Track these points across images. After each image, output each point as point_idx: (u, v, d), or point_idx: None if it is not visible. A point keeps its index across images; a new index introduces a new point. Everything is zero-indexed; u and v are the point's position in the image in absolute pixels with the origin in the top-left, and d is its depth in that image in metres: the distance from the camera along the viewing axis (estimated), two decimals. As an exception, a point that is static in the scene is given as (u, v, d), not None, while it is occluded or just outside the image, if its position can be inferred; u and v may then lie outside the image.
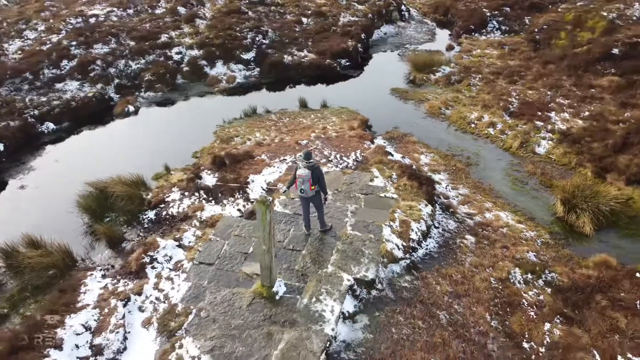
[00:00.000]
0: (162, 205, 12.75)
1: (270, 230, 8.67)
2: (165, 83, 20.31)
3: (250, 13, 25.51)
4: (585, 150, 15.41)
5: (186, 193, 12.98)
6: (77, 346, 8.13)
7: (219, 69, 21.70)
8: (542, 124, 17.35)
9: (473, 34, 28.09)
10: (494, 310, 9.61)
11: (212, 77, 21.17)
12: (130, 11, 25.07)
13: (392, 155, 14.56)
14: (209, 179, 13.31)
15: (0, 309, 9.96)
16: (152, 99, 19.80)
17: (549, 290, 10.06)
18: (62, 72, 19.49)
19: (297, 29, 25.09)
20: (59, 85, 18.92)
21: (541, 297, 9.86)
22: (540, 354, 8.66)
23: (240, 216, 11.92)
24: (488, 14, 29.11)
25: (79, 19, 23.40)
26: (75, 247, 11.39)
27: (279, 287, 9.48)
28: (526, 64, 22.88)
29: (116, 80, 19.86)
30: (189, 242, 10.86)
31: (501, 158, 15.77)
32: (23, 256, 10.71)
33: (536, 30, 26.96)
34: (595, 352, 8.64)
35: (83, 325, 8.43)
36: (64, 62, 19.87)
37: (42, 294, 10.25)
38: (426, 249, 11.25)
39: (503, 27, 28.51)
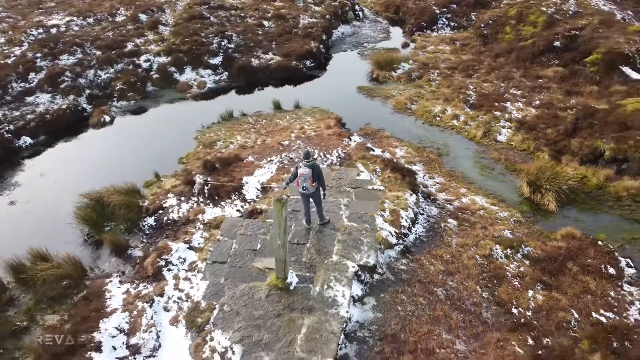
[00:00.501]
0: (161, 212, 13.17)
1: (285, 226, 9.42)
2: (136, 91, 20.42)
3: (212, 18, 25.82)
4: (541, 136, 16.98)
5: (182, 198, 13.45)
6: (114, 347, 8.59)
7: (188, 75, 21.99)
8: (500, 113, 18.85)
9: (425, 31, 29.56)
10: (483, 283, 10.77)
11: (183, 83, 21.44)
12: (91, 20, 24.77)
13: (373, 150, 15.57)
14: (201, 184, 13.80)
15: (20, 321, 10.23)
16: (126, 108, 19.89)
17: (527, 262, 11.34)
18: (32, 85, 19.23)
19: (259, 32, 25.64)
20: (30, 99, 18.69)
21: (522, 269, 11.12)
22: (528, 317, 9.88)
23: (240, 216, 12.55)
24: (437, 12, 30.67)
25: (40, 30, 22.94)
26: (80, 257, 11.68)
27: (292, 278, 10.24)
28: (478, 58, 24.48)
29: (87, 91, 19.80)
30: (198, 243, 11.40)
31: (468, 147, 17.09)
32: (34, 269, 10.91)
33: (483, 25, 28.74)
34: (573, 311, 9.95)
35: (116, 328, 8.89)
36: (32, 75, 19.58)
37: (58, 304, 10.56)
38: (416, 234, 12.31)
39: (452, 24, 30.14)
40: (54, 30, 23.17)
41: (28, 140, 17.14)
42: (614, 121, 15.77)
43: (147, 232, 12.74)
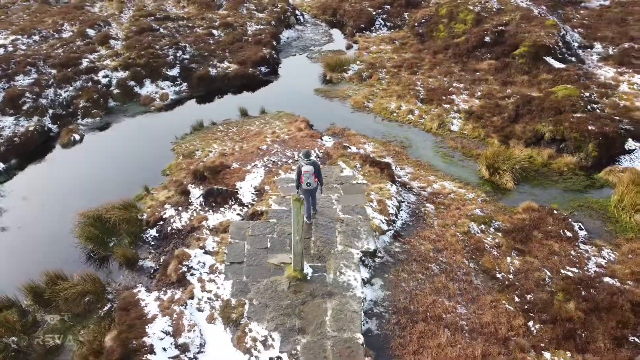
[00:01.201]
0: (162, 222, 13.70)
1: (302, 223, 10.46)
2: (99, 108, 20.40)
3: (162, 30, 25.93)
4: (489, 124, 19.03)
5: (180, 208, 14.04)
6: (164, 349, 9.27)
7: (148, 88, 22.16)
8: (448, 106, 20.77)
9: (364, 32, 31.23)
10: (468, 255, 12.38)
11: (145, 97, 21.62)
12: (37, 37, 24.08)
13: (350, 148, 16.85)
14: (199, 192, 14.45)
15: (52, 340, 10.55)
16: (93, 125, 19.83)
17: (500, 234, 13.10)
18: (-9, 109, 18.73)
19: (211, 42, 26.11)
20: (-8, 123, 18.23)
21: (497, 240, 12.85)
22: (511, 279, 11.58)
23: (242, 219, 13.38)
24: (374, 13, 32.47)
25: (-14, 52, 22.12)
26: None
27: (307, 270, 11.30)
28: (419, 56, 26.43)
29: (50, 111, 19.53)
30: (212, 248, 12.14)
31: (427, 139, 18.81)
32: (54, 289, 11.21)
33: (417, 24, 30.86)
34: (545, 270, 11.78)
35: (162, 331, 9.54)
36: (-11, 98, 19.05)
37: (85, 319, 10.97)
38: (402, 219, 13.74)
39: (388, 24, 32.04)
40: (1, 51, 22.39)
41: (0, 165, 16.82)
42: (549, 107, 18.07)
43: (152, 243, 13.26)
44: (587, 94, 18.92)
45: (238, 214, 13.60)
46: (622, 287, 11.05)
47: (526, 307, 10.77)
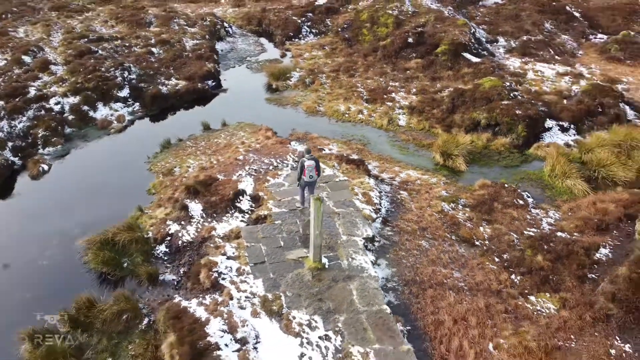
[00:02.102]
0: (169, 238, 14.39)
1: (322, 219, 11.91)
2: (59, 135, 20.10)
3: (100, 51, 25.62)
4: (430, 116, 21.53)
5: (183, 222, 14.80)
6: (226, 345, 10.31)
7: (103, 111, 22.08)
8: (391, 103, 23.04)
9: (293, 40, 32.84)
10: (448, 230, 14.52)
11: (102, 120, 21.56)
12: (-32, 69, 22.81)
13: (324, 149, 18.40)
14: (196, 205, 15.27)
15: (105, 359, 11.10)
16: (56, 154, 19.51)
17: (468, 209, 15.42)
18: (-54, 147, 17.83)
19: (153, 60, 26.27)
20: (-49, 162, 17.41)
21: (467, 215, 15.15)
22: (487, 244, 13.89)
23: (247, 225, 14.47)
24: (299, 21, 34.13)
25: None
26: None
27: (324, 260, 12.76)
28: (351, 59, 28.54)
29: (9, 143, 18.96)
30: (233, 253, 13.15)
31: (381, 135, 20.89)
32: (92, 313, 11.68)
33: (340, 29, 33.02)
34: (512, 233, 14.22)
35: (220, 330, 10.55)
36: (-60, 136, 18.09)
37: (128, 335, 11.58)
38: (385, 207, 15.60)
39: (314, 31, 33.89)
40: None
41: (-28, 204, 16.31)
42: (480, 97, 20.91)
43: (165, 258, 13.94)
44: (508, 84, 22.04)
45: (242, 221, 14.67)
46: (571, 238, 13.76)
47: (505, 264, 13.09)
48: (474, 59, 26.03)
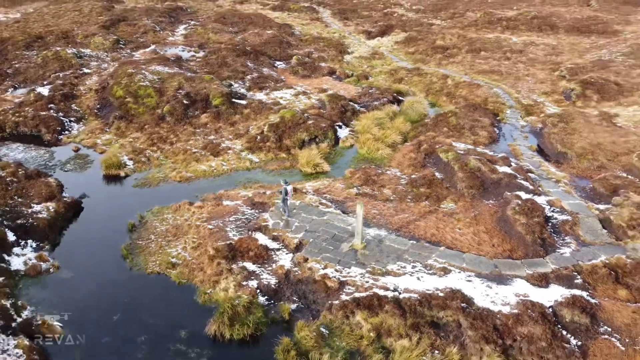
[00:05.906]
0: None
1: (361, 216, 19.19)
2: None
3: None
4: (269, 149, 28.83)
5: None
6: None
7: None
8: (231, 151, 28.88)
9: (63, 133, 31.73)
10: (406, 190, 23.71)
11: None
12: None
13: (238, 201, 23.60)
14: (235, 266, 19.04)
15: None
16: None
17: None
18: None
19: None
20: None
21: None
22: (446, 211, 23.89)
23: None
24: (56, 115, 32.60)
25: None
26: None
27: (363, 242, 19.99)
28: (154, 131, 31.27)
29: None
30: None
31: (253, 173, 27.00)
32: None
33: (97, 111, 33.97)
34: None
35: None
36: None
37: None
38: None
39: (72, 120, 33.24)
40: None
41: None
42: (290, 126, 29.62)
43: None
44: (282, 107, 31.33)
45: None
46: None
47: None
48: (243, 102, 33.90)
